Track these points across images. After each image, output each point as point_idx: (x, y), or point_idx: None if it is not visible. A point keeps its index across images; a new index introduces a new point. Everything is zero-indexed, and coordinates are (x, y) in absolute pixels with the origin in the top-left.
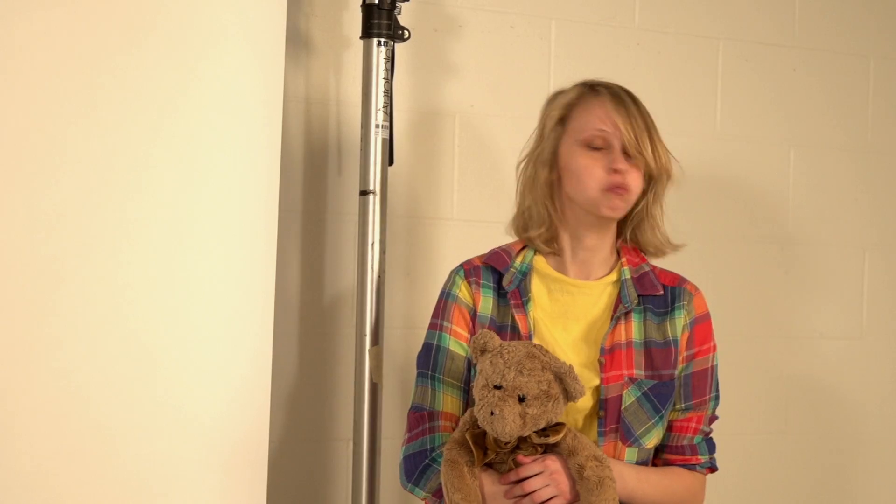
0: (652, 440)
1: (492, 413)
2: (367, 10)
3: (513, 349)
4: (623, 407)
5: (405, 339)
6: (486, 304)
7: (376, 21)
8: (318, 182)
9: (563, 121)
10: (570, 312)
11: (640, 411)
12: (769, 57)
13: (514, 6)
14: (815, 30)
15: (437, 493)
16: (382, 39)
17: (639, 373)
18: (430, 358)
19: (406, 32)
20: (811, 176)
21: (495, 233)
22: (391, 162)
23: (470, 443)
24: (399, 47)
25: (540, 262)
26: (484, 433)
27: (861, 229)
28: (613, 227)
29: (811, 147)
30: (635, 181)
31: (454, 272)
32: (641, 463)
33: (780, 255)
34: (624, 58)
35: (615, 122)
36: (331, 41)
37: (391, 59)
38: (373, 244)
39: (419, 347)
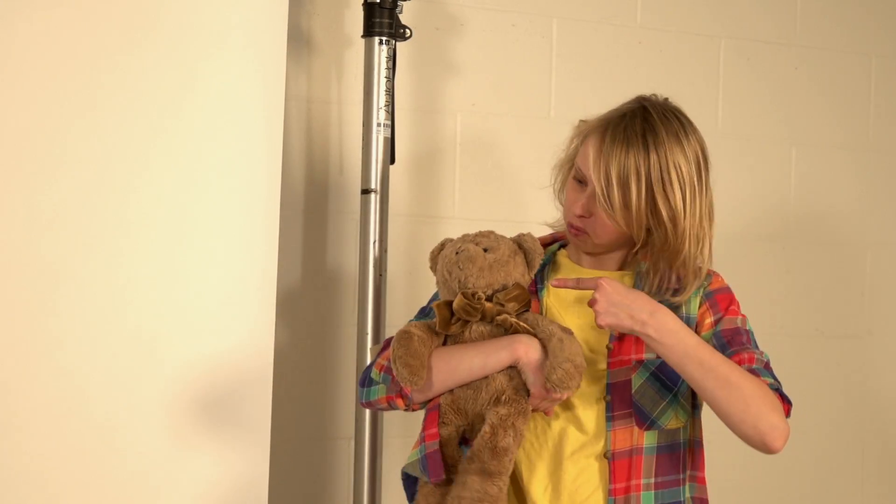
0: (671, 420)
1: (457, 253)
2: (369, 8)
3: (479, 231)
4: (633, 391)
5: None
6: None
7: (378, 20)
8: (319, 181)
9: (578, 147)
10: (585, 298)
11: (650, 391)
12: (770, 55)
13: (516, 5)
14: (817, 28)
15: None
16: (384, 38)
17: (648, 355)
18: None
19: (407, 31)
20: (813, 174)
21: (497, 231)
22: (392, 160)
23: (434, 308)
24: (400, 46)
25: (562, 255)
26: (449, 303)
27: (863, 228)
28: (625, 248)
29: (812, 146)
30: (597, 226)
31: None
32: (668, 447)
33: (781, 253)
34: (625, 56)
35: (592, 162)
36: (332, 40)
37: (393, 58)
38: (374, 243)
39: None
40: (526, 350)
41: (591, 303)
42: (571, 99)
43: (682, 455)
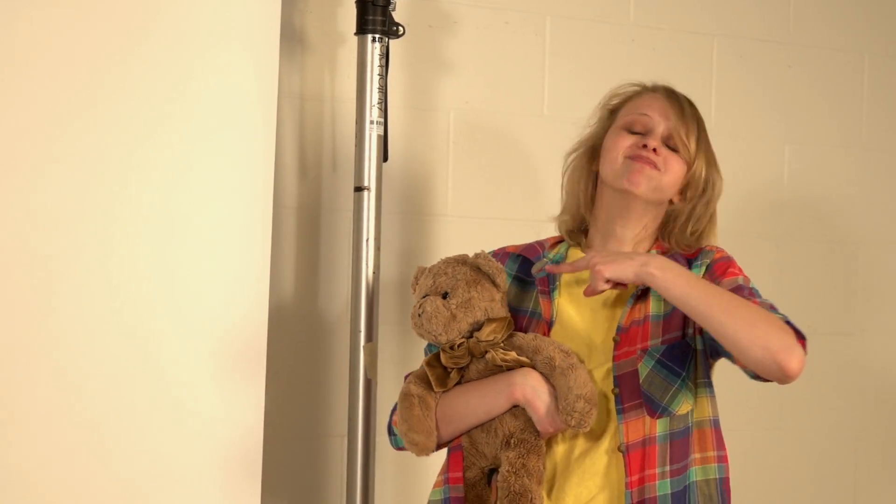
0: (681, 405)
1: (419, 315)
2: (362, 6)
3: (436, 264)
4: (641, 380)
5: (400, 336)
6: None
7: (371, 17)
8: (312, 178)
9: (613, 112)
10: (597, 295)
11: (657, 378)
12: (764, 53)
13: (509, 2)
14: (810, 26)
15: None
16: (377, 35)
17: (654, 342)
18: None
19: (401, 28)
20: (806, 172)
21: (490, 229)
22: (386, 158)
23: (426, 369)
24: (394, 43)
25: (574, 251)
26: (437, 355)
27: (856, 225)
28: (648, 223)
29: (806, 144)
30: (670, 165)
31: None
32: (680, 432)
33: (775, 251)
34: (619, 54)
35: (662, 110)
36: (325, 37)
37: (386, 56)
38: (367, 240)
39: (414, 344)
40: (522, 391)
41: (591, 269)
42: (565, 97)
43: (694, 438)
